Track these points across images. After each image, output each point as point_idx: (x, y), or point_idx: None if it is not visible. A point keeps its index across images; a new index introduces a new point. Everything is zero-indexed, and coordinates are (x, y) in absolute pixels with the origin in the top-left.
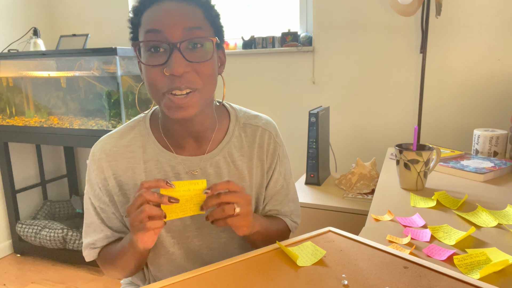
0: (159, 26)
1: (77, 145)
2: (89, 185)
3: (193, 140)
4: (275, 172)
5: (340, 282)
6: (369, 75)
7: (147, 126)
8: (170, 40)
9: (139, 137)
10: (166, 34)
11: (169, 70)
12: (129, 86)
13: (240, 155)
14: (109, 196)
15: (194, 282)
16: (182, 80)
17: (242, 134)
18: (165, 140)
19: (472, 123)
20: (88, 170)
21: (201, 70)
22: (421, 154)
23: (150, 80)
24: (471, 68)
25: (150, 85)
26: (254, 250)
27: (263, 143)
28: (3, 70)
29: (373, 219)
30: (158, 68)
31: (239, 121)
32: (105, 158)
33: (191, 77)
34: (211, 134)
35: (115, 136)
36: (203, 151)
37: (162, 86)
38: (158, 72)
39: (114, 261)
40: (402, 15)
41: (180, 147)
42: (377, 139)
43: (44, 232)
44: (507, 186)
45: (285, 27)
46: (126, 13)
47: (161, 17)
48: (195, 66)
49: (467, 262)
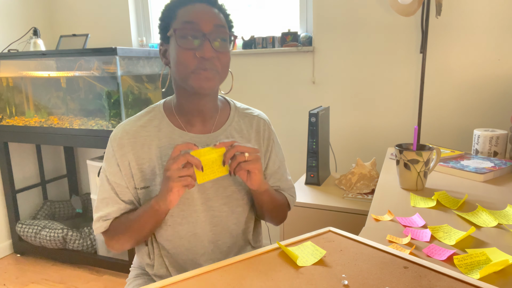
0: (195, 19)
1: (77, 145)
2: (107, 163)
3: (201, 120)
4: (272, 154)
5: (340, 282)
6: (369, 75)
7: (161, 110)
8: (204, 31)
9: (155, 119)
10: (201, 26)
11: (201, 53)
12: (129, 86)
13: (240, 136)
14: (125, 170)
15: (194, 282)
16: (208, 63)
17: (241, 121)
18: (177, 121)
19: (472, 123)
20: (107, 149)
21: (222, 58)
22: (421, 154)
23: (183, 59)
24: (471, 68)
25: (181, 64)
26: (254, 250)
27: (259, 129)
28: (3, 70)
29: (373, 219)
30: (191, 51)
31: (238, 110)
32: (126, 136)
33: (215, 62)
34: (215, 116)
35: (133, 119)
36: (209, 130)
37: (192, 66)
38: (190, 54)
39: (129, 227)
40: (402, 15)
41: (190, 126)
42: (377, 139)
43: (44, 232)
44: (507, 186)
45: (285, 27)
46: (126, 13)
47: (197, 12)
48: (218, 54)
49: (467, 262)
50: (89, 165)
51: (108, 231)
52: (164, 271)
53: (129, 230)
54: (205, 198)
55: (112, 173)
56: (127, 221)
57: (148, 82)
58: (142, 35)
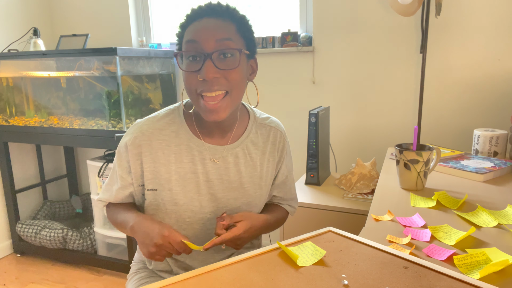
0: (196, 37)
1: (77, 145)
2: (118, 155)
3: (219, 131)
4: (283, 166)
5: (340, 282)
6: (369, 75)
7: (180, 114)
8: (204, 51)
9: (173, 123)
10: (202, 44)
11: (201, 76)
12: (129, 86)
13: (255, 149)
14: (135, 169)
15: (194, 282)
16: (212, 84)
17: (258, 132)
18: (195, 128)
19: (472, 123)
20: (122, 143)
21: (229, 76)
22: (421, 154)
23: (188, 83)
24: (471, 68)
25: (187, 88)
26: (254, 250)
27: (276, 141)
28: (3, 70)
29: (373, 219)
30: (194, 74)
31: (256, 120)
32: (141, 136)
33: (221, 81)
34: (233, 128)
35: (152, 120)
36: (226, 142)
37: (196, 89)
38: (194, 77)
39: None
40: (402, 15)
41: (208, 136)
42: (377, 139)
43: (44, 232)
44: (507, 186)
45: (285, 27)
46: (126, 13)
47: (199, 30)
48: (224, 73)
49: (467, 262)
50: (89, 165)
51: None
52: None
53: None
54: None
55: (121, 168)
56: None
57: (148, 82)
58: (142, 35)
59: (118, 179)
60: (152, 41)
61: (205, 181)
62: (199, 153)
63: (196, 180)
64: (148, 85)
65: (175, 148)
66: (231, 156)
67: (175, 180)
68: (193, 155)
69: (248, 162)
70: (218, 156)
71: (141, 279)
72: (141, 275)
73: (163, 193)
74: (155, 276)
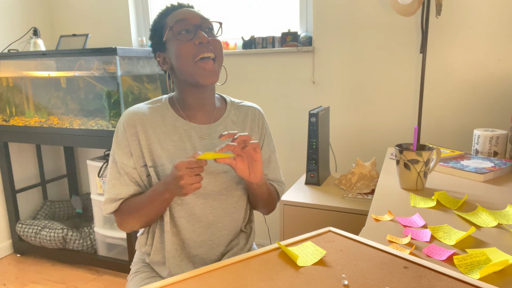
0: (184, 16)
1: (77, 145)
2: (116, 144)
3: (202, 112)
4: (264, 144)
5: (340, 282)
6: (369, 75)
7: (166, 102)
8: (194, 23)
9: (159, 109)
10: (190, 20)
11: (198, 39)
12: (129, 86)
13: (237, 126)
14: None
15: (194, 282)
16: (208, 46)
17: (237, 112)
18: (180, 112)
19: (472, 123)
20: (116, 132)
21: (215, 44)
22: (421, 154)
23: (184, 51)
24: (471, 68)
25: (183, 56)
26: (254, 250)
27: (255, 117)
28: (3, 70)
29: (373, 219)
30: (190, 42)
31: (233, 104)
32: (134, 117)
33: (212, 45)
34: (214, 109)
35: (139, 105)
36: (209, 121)
37: (194, 54)
38: (190, 44)
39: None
40: (402, 15)
41: (192, 117)
42: (377, 139)
43: (44, 232)
44: (507, 186)
45: (285, 27)
46: (126, 13)
47: (183, 12)
48: (211, 41)
49: (467, 262)
50: (89, 165)
51: (118, 212)
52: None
53: (138, 212)
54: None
55: (121, 154)
56: (136, 204)
57: (148, 82)
58: (142, 35)
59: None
60: None
61: None
62: (185, 131)
63: (186, 156)
64: (148, 85)
65: (163, 128)
66: (215, 133)
67: (166, 157)
68: (180, 133)
69: None
70: (204, 133)
71: (141, 279)
72: (141, 276)
73: (157, 169)
74: (155, 277)
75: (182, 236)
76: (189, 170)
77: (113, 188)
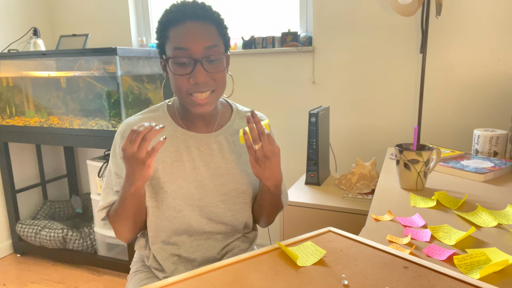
0: (185, 44)
1: (77, 145)
2: (112, 155)
3: (202, 121)
4: None
5: (340, 282)
6: (369, 75)
7: (165, 110)
8: (194, 56)
9: (158, 117)
10: (191, 51)
11: (194, 79)
12: (129, 86)
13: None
14: None
15: (194, 282)
16: (202, 86)
17: (242, 122)
18: (179, 121)
19: (472, 123)
20: (114, 142)
21: (216, 77)
22: (421, 154)
23: (178, 85)
24: (471, 68)
25: (177, 88)
26: (254, 250)
27: None
28: (3, 70)
29: (373, 219)
30: (185, 77)
31: (239, 112)
32: (129, 128)
33: (209, 83)
34: (216, 118)
35: (137, 115)
36: (210, 131)
37: (187, 90)
38: (184, 79)
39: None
40: (402, 15)
41: (191, 126)
42: (377, 139)
43: (44, 232)
44: (507, 186)
45: (285, 27)
46: (126, 13)
47: (186, 36)
48: (212, 75)
49: (467, 262)
50: (89, 165)
51: (109, 220)
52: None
53: (119, 216)
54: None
55: (116, 164)
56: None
57: (148, 82)
58: (142, 35)
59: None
60: (152, 41)
61: (191, 168)
62: (183, 141)
63: (183, 168)
64: (148, 85)
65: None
66: (215, 143)
67: (162, 169)
68: (177, 143)
69: (232, 149)
70: (203, 143)
71: (141, 279)
72: (141, 276)
73: (152, 181)
74: (154, 277)
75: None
76: (130, 144)
77: (107, 197)
